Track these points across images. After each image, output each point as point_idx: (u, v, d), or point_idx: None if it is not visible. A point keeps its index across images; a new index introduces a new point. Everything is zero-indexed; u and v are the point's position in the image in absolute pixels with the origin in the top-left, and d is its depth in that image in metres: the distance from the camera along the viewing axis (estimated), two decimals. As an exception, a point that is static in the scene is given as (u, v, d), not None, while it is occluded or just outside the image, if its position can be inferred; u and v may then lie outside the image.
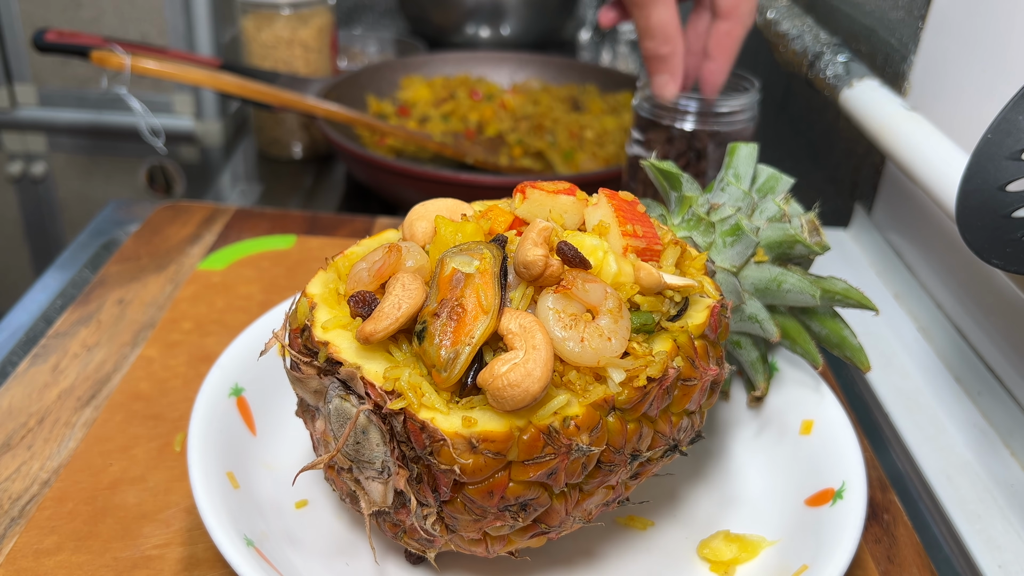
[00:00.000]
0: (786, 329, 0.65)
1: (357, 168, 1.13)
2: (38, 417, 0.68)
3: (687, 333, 0.51)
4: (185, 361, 0.74)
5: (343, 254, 0.55)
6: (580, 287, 0.47)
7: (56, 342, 0.76)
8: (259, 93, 1.07)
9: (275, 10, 1.24)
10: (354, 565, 0.56)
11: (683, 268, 0.55)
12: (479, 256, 0.47)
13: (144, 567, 0.56)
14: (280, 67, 1.27)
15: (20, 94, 1.56)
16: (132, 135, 1.53)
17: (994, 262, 0.55)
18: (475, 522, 0.48)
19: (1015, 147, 0.57)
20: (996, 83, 0.76)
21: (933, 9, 0.86)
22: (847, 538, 0.54)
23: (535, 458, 0.46)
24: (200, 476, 0.54)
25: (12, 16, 1.49)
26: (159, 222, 0.95)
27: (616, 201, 0.54)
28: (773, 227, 0.63)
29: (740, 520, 0.61)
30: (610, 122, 1.22)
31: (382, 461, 0.48)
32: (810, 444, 0.63)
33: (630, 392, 0.47)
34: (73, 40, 1.09)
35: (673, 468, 0.64)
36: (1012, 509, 0.67)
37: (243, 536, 0.52)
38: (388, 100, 1.32)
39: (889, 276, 0.93)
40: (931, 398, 0.79)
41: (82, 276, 0.90)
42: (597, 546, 0.59)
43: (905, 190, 0.91)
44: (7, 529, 0.58)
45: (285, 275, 0.87)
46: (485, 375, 0.44)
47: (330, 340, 0.48)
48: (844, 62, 0.93)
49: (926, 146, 0.76)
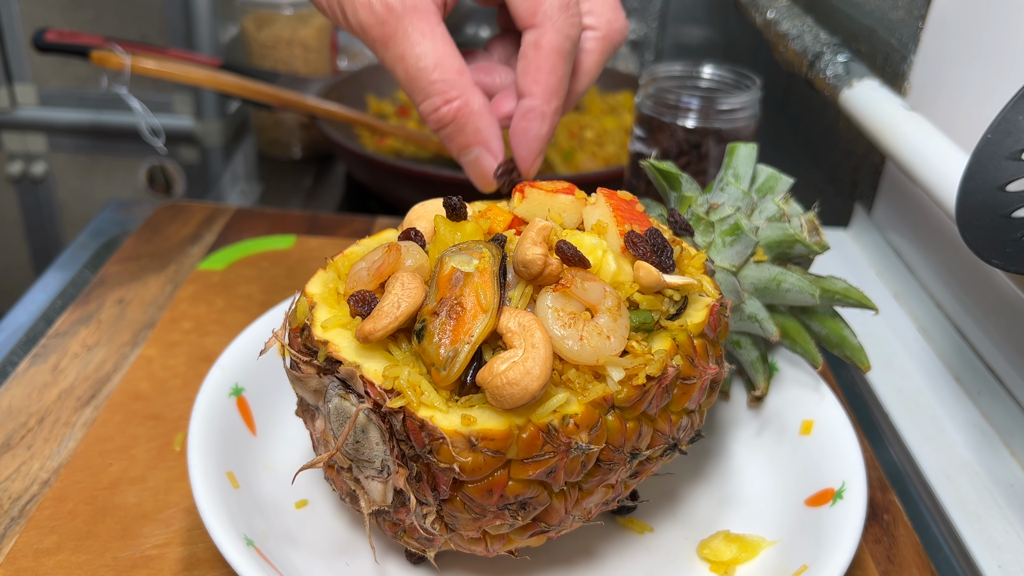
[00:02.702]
0: (786, 329, 0.65)
1: (357, 168, 1.13)
2: (38, 417, 0.68)
3: (686, 332, 0.51)
4: (185, 361, 0.74)
5: (343, 254, 0.56)
6: (579, 286, 0.47)
7: (56, 342, 0.76)
8: (259, 93, 1.07)
9: (275, 10, 1.24)
10: (354, 565, 0.56)
11: (682, 267, 0.55)
12: (478, 255, 0.47)
13: (144, 567, 0.56)
14: (280, 67, 1.27)
15: (20, 94, 1.56)
16: (132, 135, 1.53)
17: (994, 262, 0.55)
18: (475, 521, 0.48)
19: (1015, 147, 0.57)
20: (996, 83, 0.76)
21: (933, 9, 0.86)
22: (847, 538, 0.54)
23: (534, 456, 0.46)
24: (200, 476, 0.54)
25: (12, 16, 1.49)
26: (159, 222, 0.95)
27: (615, 201, 0.54)
28: (773, 227, 0.63)
29: (740, 520, 0.61)
30: (610, 122, 1.22)
31: (382, 460, 0.48)
32: (810, 444, 0.63)
33: (629, 390, 0.47)
34: (73, 40, 1.09)
35: (673, 468, 0.64)
36: (1012, 509, 0.67)
37: (243, 536, 0.52)
38: (388, 100, 1.32)
39: (889, 276, 0.93)
40: (931, 398, 0.79)
41: (82, 276, 0.90)
42: (597, 546, 0.59)
43: (905, 190, 0.91)
44: (7, 529, 0.58)
45: (285, 275, 0.87)
46: (484, 373, 0.44)
47: (330, 339, 0.48)
48: (844, 62, 0.93)
49: (926, 146, 0.76)
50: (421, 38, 0.55)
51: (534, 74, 0.57)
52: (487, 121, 0.58)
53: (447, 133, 0.58)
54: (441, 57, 0.55)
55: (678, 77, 0.92)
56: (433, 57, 0.55)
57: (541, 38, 0.56)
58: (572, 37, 0.56)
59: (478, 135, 0.58)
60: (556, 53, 0.56)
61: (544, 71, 0.56)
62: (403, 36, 0.55)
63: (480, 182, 0.61)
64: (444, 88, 0.56)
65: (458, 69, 0.56)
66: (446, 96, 0.56)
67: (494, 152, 0.59)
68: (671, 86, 0.89)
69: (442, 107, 0.57)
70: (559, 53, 0.56)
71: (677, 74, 0.92)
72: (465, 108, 0.57)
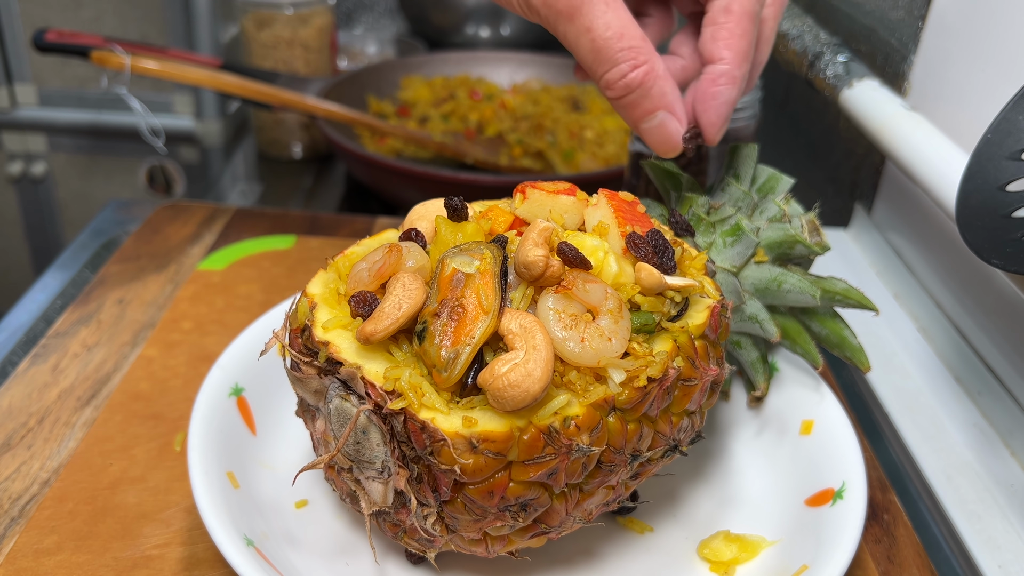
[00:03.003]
0: (786, 329, 0.65)
1: (357, 168, 1.13)
2: (38, 417, 0.68)
3: (687, 333, 0.51)
4: (185, 361, 0.74)
5: (343, 254, 0.55)
6: (580, 287, 0.47)
7: (56, 342, 0.76)
8: (259, 93, 1.07)
9: (275, 10, 1.24)
10: (354, 565, 0.56)
11: (683, 268, 0.55)
12: (479, 256, 0.47)
13: (144, 567, 0.56)
14: (280, 67, 1.27)
15: (20, 94, 1.56)
16: (132, 135, 1.53)
17: (994, 262, 0.55)
18: (475, 522, 0.48)
19: (1015, 147, 0.57)
20: (996, 83, 0.76)
21: (933, 9, 0.86)
22: (847, 538, 0.54)
23: (535, 458, 0.46)
24: (200, 476, 0.54)
25: (12, 16, 1.49)
26: (159, 222, 0.95)
27: (616, 201, 0.54)
28: (773, 227, 0.63)
29: (740, 520, 0.61)
30: (610, 122, 1.22)
31: (382, 461, 0.48)
32: (810, 444, 0.63)
33: (630, 392, 0.47)
34: (73, 40, 1.09)
35: (673, 468, 0.64)
36: (1012, 509, 0.67)
37: (243, 536, 0.52)
38: (388, 100, 1.32)
39: (889, 276, 0.93)
40: (931, 398, 0.79)
41: (82, 276, 0.90)
42: (597, 546, 0.59)
43: (905, 190, 0.91)
44: (7, 529, 0.58)
45: (285, 275, 0.87)
46: (485, 375, 0.44)
47: (330, 340, 0.48)
48: (844, 62, 0.93)
49: (926, 146, 0.76)
50: (606, 8, 0.56)
51: (726, 38, 0.57)
52: (671, 84, 0.59)
53: (632, 100, 0.59)
54: (626, 25, 0.57)
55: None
56: (619, 25, 0.56)
57: (732, 3, 0.57)
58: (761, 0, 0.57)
59: (663, 98, 0.58)
60: (747, 16, 0.58)
61: (736, 35, 0.57)
62: (589, 7, 0.56)
63: (663, 147, 0.61)
64: (632, 54, 0.57)
65: (642, 36, 0.57)
66: (635, 61, 0.57)
67: (679, 116, 0.60)
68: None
69: (630, 73, 0.57)
70: (749, 17, 0.58)
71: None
72: (652, 72, 0.57)
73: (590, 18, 0.56)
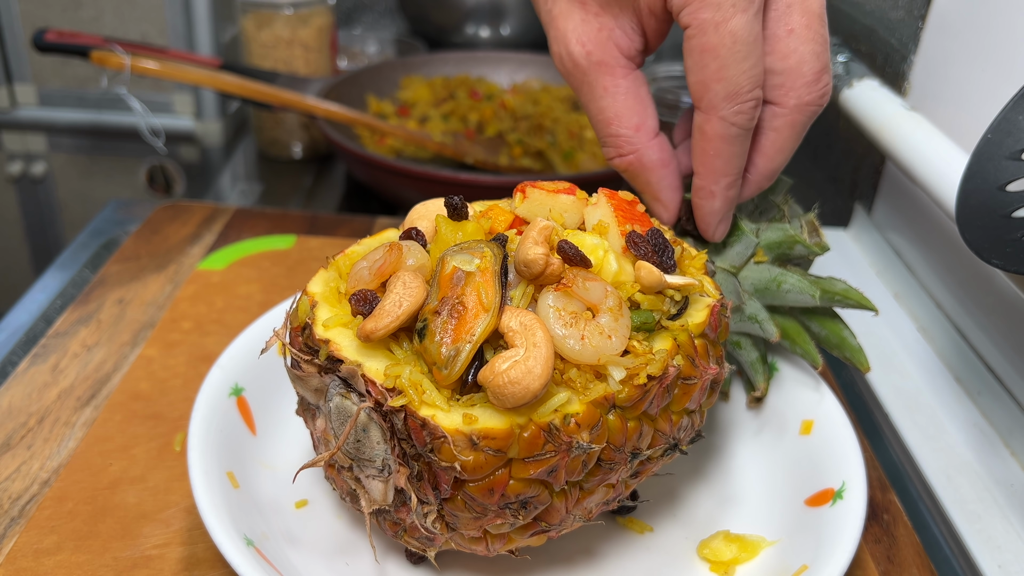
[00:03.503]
0: (786, 329, 0.65)
1: (357, 168, 1.13)
2: (38, 417, 0.68)
3: (687, 332, 0.51)
4: (185, 361, 0.74)
5: (344, 253, 0.56)
6: (580, 285, 0.47)
7: (56, 342, 0.76)
8: (259, 93, 1.07)
9: (275, 10, 1.24)
10: (354, 564, 0.56)
11: (683, 267, 0.55)
12: (480, 255, 0.47)
13: (144, 567, 0.56)
14: (280, 67, 1.27)
15: (20, 94, 1.56)
16: (132, 135, 1.53)
17: (994, 262, 0.55)
18: (475, 520, 0.48)
19: (1015, 147, 0.57)
20: (996, 83, 0.76)
21: (933, 9, 0.86)
22: (847, 538, 0.54)
23: (536, 455, 0.46)
24: (200, 476, 0.54)
25: (12, 16, 1.49)
26: (159, 222, 0.95)
27: (616, 201, 0.54)
28: (773, 227, 0.63)
29: (740, 520, 0.61)
30: (610, 122, 1.22)
31: (383, 459, 0.48)
32: (810, 444, 0.63)
33: (630, 390, 0.47)
34: (73, 40, 1.09)
35: (673, 468, 0.64)
36: (1012, 509, 0.67)
37: (243, 536, 0.52)
38: (388, 100, 1.32)
39: (889, 276, 0.93)
40: (931, 398, 0.79)
41: (82, 276, 0.89)
42: (597, 545, 0.59)
43: (905, 190, 0.91)
44: (7, 529, 0.58)
45: (285, 275, 0.87)
46: (486, 372, 0.44)
47: (331, 338, 0.49)
48: (844, 62, 0.93)
49: (926, 146, 0.76)
50: (603, 93, 0.59)
51: (700, 156, 0.58)
52: (658, 175, 0.60)
53: (626, 176, 0.62)
54: (619, 112, 0.59)
55: (678, 77, 0.92)
56: (612, 112, 0.59)
57: (705, 124, 0.56)
58: (739, 124, 0.55)
59: (648, 188, 0.61)
60: (719, 139, 0.56)
61: (708, 154, 0.57)
62: (588, 89, 0.59)
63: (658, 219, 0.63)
64: (619, 143, 0.59)
65: (636, 125, 0.59)
66: (619, 151, 0.60)
67: (664, 203, 0.61)
68: (671, 86, 0.89)
69: (615, 158, 0.60)
70: (723, 139, 0.56)
71: (677, 74, 0.92)
72: (636, 163, 0.60)
73: (587, 99, 0.60)
